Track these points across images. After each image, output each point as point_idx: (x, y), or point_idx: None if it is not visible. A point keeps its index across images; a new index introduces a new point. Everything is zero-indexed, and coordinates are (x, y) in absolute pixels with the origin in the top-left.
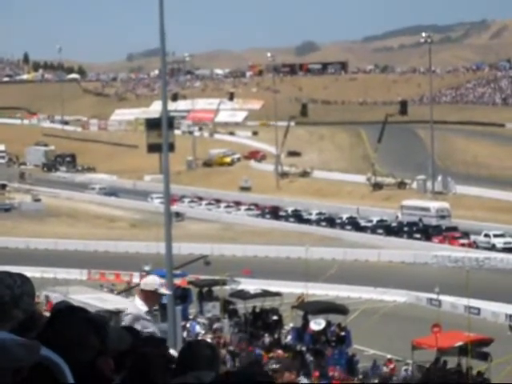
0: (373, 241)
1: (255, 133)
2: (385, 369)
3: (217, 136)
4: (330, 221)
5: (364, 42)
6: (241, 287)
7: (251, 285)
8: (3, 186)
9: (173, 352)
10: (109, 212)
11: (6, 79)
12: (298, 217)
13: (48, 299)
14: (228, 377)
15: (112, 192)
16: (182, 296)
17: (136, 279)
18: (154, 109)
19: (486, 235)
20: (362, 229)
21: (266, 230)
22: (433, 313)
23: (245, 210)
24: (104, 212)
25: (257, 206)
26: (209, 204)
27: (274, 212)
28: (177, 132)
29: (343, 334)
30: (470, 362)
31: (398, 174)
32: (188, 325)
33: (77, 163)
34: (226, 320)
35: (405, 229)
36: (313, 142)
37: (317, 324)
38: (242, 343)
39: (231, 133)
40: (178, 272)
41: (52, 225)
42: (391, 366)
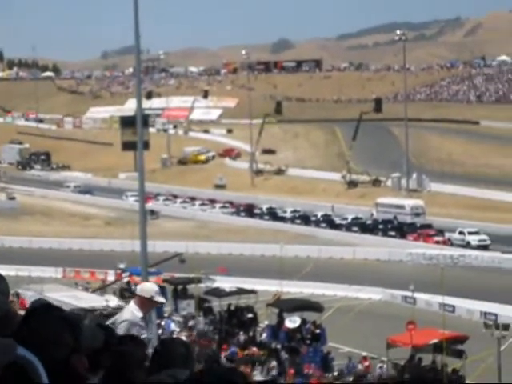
0: (348, 238)
1: (230, 130)
2: (360, 366)
3: (191, 134)
4: (305, 218)
5: (338, 40)
6: (216, 285)
7: (226, 283)
8: None
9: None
10: (83, 210)
11: None
12: (273, 214)
13: (19, 296)
14: (202, 375)
15: (87, 190)
16: None
17: (111, 277)
18: (129, 107)
19: (461, 233)
20: (337, 226)
21: (241, 228)
22: (408, 310)
23: (220, 208)
24: (79, 210)
25: (232, 204)
26: (183, 202)
27: (249, 210)
28: (151, 130)
29: (318, 332)
30: (445, 360)
31: (373, 172)
32: (163, 323)
33: (51, 161)
34: (201, 318)
35: (380, 226)
36: (287, 140)
37: (292, 322)
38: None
39: (206, 131)
40: (153, 270)
41: (26, 223)
42: (366, 364)
